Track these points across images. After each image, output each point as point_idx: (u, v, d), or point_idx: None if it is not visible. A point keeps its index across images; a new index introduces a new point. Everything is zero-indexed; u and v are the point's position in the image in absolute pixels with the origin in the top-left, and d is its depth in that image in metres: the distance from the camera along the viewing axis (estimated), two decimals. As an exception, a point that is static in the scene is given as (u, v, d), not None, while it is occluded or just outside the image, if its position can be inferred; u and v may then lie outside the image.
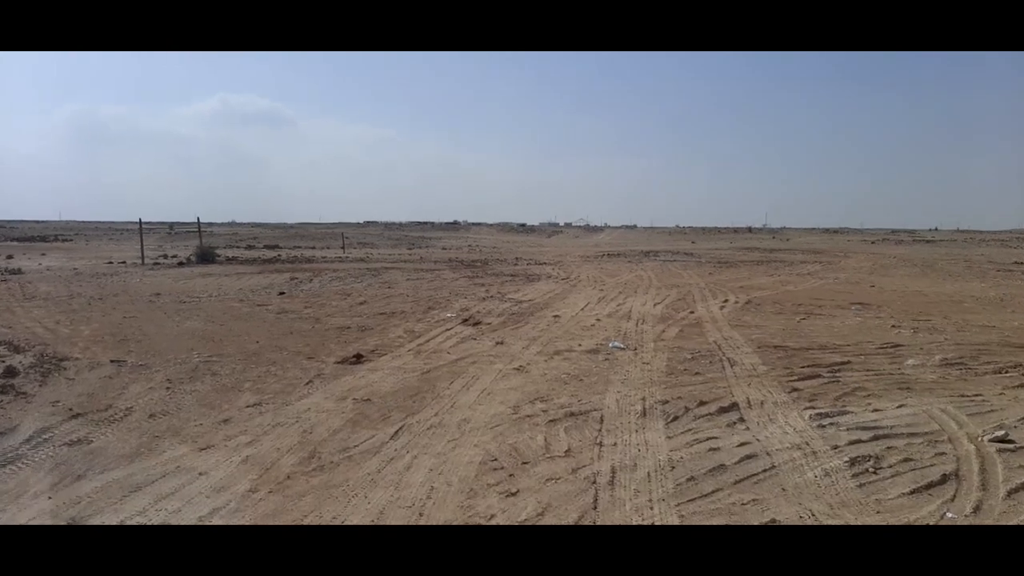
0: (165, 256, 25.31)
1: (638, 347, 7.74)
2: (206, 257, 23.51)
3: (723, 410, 5.27)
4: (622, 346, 7.75)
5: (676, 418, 5.10)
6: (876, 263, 23.87)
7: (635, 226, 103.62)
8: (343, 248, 34.99)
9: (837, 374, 6.38)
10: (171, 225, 67.78)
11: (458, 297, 12.39)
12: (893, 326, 8.95)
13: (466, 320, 9.62)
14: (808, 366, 6.68)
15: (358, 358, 7.14)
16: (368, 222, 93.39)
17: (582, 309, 10.96)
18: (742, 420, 5.03)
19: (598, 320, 9.71)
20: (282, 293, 12.66)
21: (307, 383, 6.23)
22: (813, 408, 5.31)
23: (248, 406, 5.49)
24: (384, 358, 7.25)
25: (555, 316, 10.10)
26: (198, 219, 29.29)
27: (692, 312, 10.62)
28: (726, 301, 12.14)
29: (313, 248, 36.35)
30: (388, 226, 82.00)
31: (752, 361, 6.92)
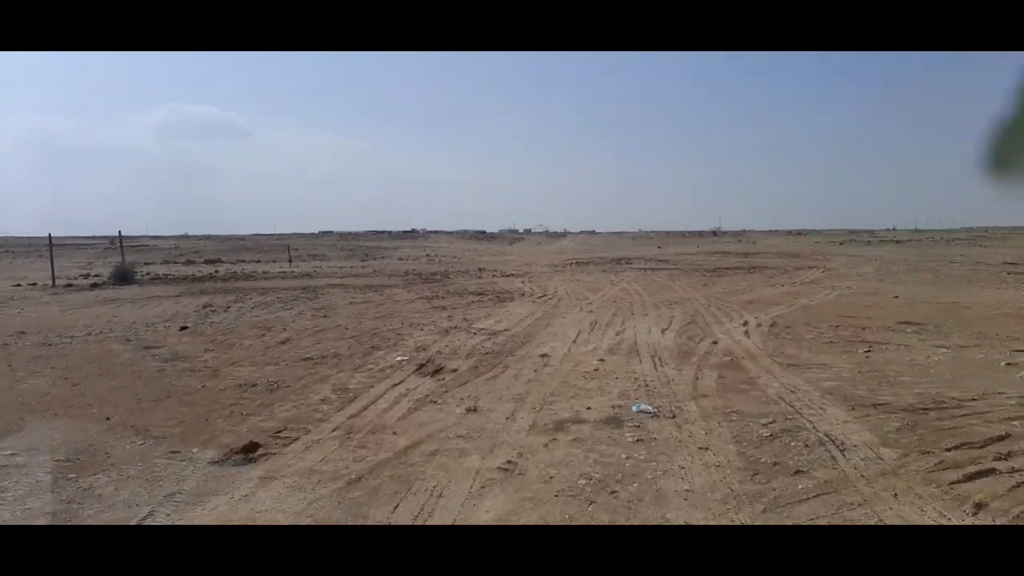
0: (86, 275, 21.99)
1: (676, 411, 5.30)
2: (124, 277, 20.37)
3: (900, 575, 2.85)
4: (651, 410, 5.31)
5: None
6: (880, 269, 21.98)
7: (595, 231, 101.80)
8: (289, 261, 31.86)
9: (1009, 461, 4.06)
10: (112, 239, 62.81)
11: (413, 328, 9.76)
12: (1008, 364, 6.67)
13: (423, 366, 7.04)
14: (956, 447, 4.33)
15: (250, 450, 4.51)
16: (323, 232, 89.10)
17: (574, 341, 8.49)
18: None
19: (601, 361, 7.23)
20: (184, 328, 9.82)
21: (146, 516, 3.59)
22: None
23: (-4, 598, 2.83)
24: (293, 448, 4.64)
25: (542, 355, 7.58)
26: (119, 233, 25.90)
27: (715, 342, 8.26)
28: (745, 323, 9.85)
29: (258, 262, 33.11)
30: (343, 236, 78.09)
31: (864, 438, 4.54)
